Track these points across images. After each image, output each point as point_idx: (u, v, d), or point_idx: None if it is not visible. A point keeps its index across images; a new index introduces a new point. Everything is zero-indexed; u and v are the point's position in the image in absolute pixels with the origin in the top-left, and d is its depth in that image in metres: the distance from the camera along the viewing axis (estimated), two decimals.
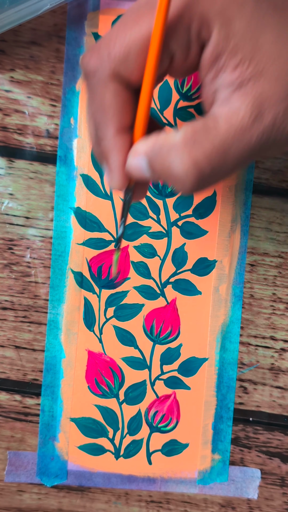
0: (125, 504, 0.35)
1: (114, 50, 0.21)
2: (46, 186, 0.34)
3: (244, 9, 0.21)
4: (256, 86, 0.21)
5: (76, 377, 0.34)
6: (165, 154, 0.21)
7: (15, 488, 0.35)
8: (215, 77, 0.22)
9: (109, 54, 0.21)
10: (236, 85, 0.21)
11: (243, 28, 0.21)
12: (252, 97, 0.21)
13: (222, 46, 0.21)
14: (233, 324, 0.34)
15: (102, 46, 0.22)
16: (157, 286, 0.34)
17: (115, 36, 0.21)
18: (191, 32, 0.21)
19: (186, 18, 0.21)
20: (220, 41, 0.21)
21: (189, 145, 0.21)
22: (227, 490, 0.35)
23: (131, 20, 0.21)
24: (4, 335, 0.34)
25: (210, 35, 0.21)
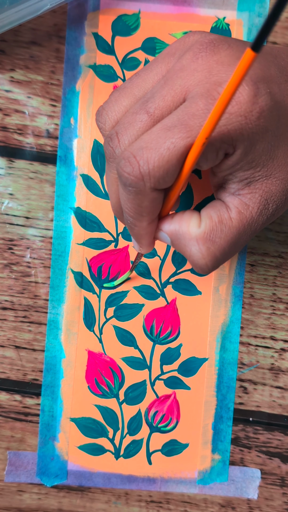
0: (125, 504, 0.35)
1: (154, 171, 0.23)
2: (46, 186, 0.34)
3: (265, 135, 0.24)
4: (265, 184, 0.25)
5: (76, 377, 0.34)
6: (186, 242, 0.25)
7: (15, 488, 0.35)
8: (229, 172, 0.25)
9: (149, 174, 0.23)
10: (247, 181, 0.25)
11: (262, 148, 0.24)
12: (261, 193, 0.25)
13: (242, 158, 0.24)
14: (233, 324, 0.34)
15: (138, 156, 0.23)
16: (157, 286, 0.34)
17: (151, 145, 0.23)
18: (219, 153, 0.24)
19: (217, 144, 0.23)
20: (242, 156, 0.24)
21: (208, 242, 0.25)
22: (227, 490, 0.35)
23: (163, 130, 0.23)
24: (4, 335, 0.34)
25: (234, 152, 0.24)
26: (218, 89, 0.23)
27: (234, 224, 0.25)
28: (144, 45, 0.33)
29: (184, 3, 0.33)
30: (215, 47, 0.24)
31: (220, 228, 0.25)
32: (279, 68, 0.25)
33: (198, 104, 0.23)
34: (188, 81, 0.24)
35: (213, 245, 0.25)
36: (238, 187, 0.25)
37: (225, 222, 0.25)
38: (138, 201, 0.24)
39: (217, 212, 0.25)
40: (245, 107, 0.23)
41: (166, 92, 0.24)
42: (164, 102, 0.24)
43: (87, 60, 0.33)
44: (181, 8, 0.33)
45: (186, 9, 0.33)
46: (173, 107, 0.24)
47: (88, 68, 0.33)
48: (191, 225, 0.25)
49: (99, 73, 0.33)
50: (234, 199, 0.25)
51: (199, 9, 0.33)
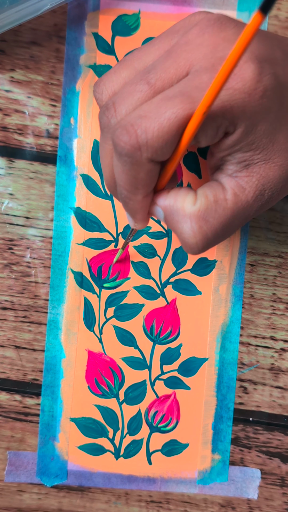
0: (125, 504, 0.35)
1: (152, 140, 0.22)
2: (46, 186, 0.34)
3: (268, 116, 0.24)
4: (263, 169, 0.25)
5: (76, 377, 0.34)
6: (179, 219, 0.25)
7: (15, 488, 0.35)
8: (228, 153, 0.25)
9: (147, 144, 0.22)
10: (245, 164, 0.25)
11: (264, 129, 0.24)
12: (258, 178, 0.25)
13: (243, 138, 0.24)
14: (233, 324, 0.34)
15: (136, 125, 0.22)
16: (157, 286, 0.34)
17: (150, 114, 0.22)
18: (219, 130, 0.23)
19: (219, 119, 0.23)
20: (242, 136, 0.24)
21: (201, 220, 0.24)
22: (227, 490, 0.35)
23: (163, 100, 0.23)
24: (4, 335, 0.34)
25: (235, 131, 0.24)
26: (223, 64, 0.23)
27: (229, 205, 0.25)
28: None
29: (184, 3, 0.33)
30: (222, 24, 0.24)
31: (214, 208, 0.24)
32: (283, 52, 0.25)
33: (202, 77, 0.23)
34: (193, 55, 0.24)
35: (206, 224, 0.24)
36: (236, 169, 0.25)
37: (220, 202, 0.24)
38: (134, 172, 0.23)
39: (213, 192, 0.25)
40: (249, 84, 0.23)
41: (169, 64, 0.24)
42: (166, 74, 0.24)
43: (87, 60, 0.33)
44: (181, 8, 0.33)
45: (186, 9, 0.34)
46: (175, 79, 0.24)
47: (88, 68, 0.33)
48: (187, 201, 0.25)
49: (99, 73, 0.33)
50: (231, 181, 0.25)
51: (199, 9, 0.33)
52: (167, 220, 0.26)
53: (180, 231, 0.25)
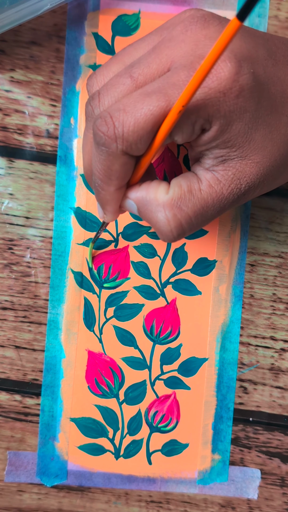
0: (125, 504, 0.35)
1: (127, 134, 0.23)
2: (46, 186, 0.34)
3: (243, 116, 0.24)
4: (239, 164, 0.25)
5: (76, 377, 0.34)
6: (152, 208, 0.25)
7: (15, 488, 0.35)
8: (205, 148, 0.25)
9: (122, 136, 0.23)
10: (222, 159, 0.25)
11: (239, 128, 0.24)
12: (234, 172, 0.25)
13: (218, 136, 0.24)
14: (233, 324, 0.34)
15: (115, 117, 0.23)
16: (157, 286, 0.34)
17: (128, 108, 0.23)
18: (195, 127, 0.24)
19: (193, 117, 0.23)
20: (217, 134, 0.24)
21: (174, 208, 0.25)
22: (227, 490, 0.35)
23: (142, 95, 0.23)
24: (4, 335, 0.34)
25: (210, 128, 0.24)
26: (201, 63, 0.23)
27: (203, 195, 0.25)
28: None
29: (184, 3, 0.33)
30: (205, 21, 0.25)
31: (188, 197, 0.25)
32: (268, 52, 0.25)
33: (179, 74, 0.23)
34: (174, 52, 0.24)
35: (180, 213, 0.25)
36: (213, 163, 0.25)
37: (194, 192, 0.25)
38: (109, 163, 0.24)
39: (188, 182, 0.25)
40: (225, 83, 0.23)
41: (152, 59, 0.25)
42: (148, 69, 0.25)
43: (87, 60, 0.33)
44: (181, 8, 0.33)
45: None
46: (157, 75, 0.25)
47: (88, 68, 0.33)
48: (159, 192, 0.25)
49: None
50: (207, 173, 0.25)
51: None
52: (140, 212, 0.26)
53: (155, 220, 0.25)
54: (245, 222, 0.34)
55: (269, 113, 0.25)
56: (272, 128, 0.25)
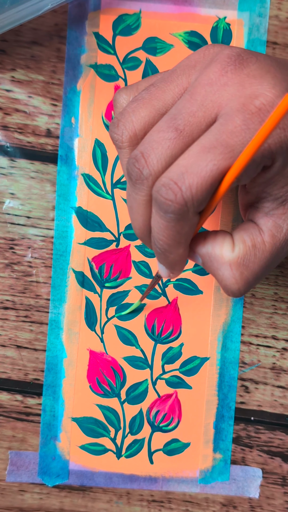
0: (127, 503, 0.35)
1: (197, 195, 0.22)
2: (47, 186, 0.34)
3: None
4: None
5: (78, 377, 0.34)
6: (219, 266, 0.25)
7: (17, 488, 0.35)
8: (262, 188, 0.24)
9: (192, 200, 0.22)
10: (282, 200, 0.24)
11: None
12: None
13: (279, 171, 0.24)
14: (235, 323, 0.34)
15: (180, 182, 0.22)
16: (158, 286, 0.34)
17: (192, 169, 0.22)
18: (258, 167, 0.23)
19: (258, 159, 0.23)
20: (280, 169, 0.24)
21: (241, 267, 0.24)
22: (228, 489, 0.35)
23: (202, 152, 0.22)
24: (5, 334, 0.34)
25: (272, 165, 0.23)
26: (255, 102, 0.22)
27: (267, 248, 0.25)
28: (145, 45, 0.34)
29: (185, 3, 0.33)
30: (243, 60, 0.24)
31: (253, 252, 0.24)
32: None
33: (235, 120, 0.22)
34: (220, 97, 0.23)
35: (247, 270, 0.24)
36: (273, 206, 0.25)
37: (258, 246, 0.25)
38: (179, 227, 0.23)
39: (250, 235, 0.25)
40: (284, 120, 0.23)
41: (197, 108, 0.23)
42: (194, 118, 0.23)
43: (88, 59, 0.33)
44: (182, 7, 0.34)
45: (187, 9, 0.34)
46: (204, 124, 0.23)
47: (89, 67, 0.33)
48: (225, 248, 0.25)
49: (100, 73, 0.33)
50: (267, 221, 0.25)
51: (200, 8, 0.33)
52: (205, 266, 0.26)
53: (221, 278, 0.25)
54: None
55: None
56: None
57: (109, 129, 0.26)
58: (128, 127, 0.25)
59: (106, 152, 0.34)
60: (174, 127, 0.23)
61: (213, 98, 0.23)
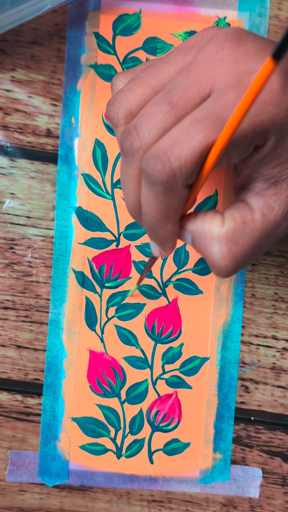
0: (127, 503, 0.35)
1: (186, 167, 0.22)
2: (47, 186, 0.34)
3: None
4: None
5: (78, 377, 0.34)
6: (207, 241, 0.24)
7: (17, 488, 0.35)
8: (254, 169, 0.24)
9: (181, 171, 0.22)
10: (273, 180, 0.24)
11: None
12: (287, 195, 0.24)
13: (272, 150, 0.23)
14: (235, 323, 0.34)
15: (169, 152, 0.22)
16: (158, 286, 0.34)
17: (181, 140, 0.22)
18: (250, 145, 0.23)
19: (250, 134, 0.22)
20: (272, 149, 0.23)
21: (230, 242, 0.24)
22: (228, 489, 0.35)
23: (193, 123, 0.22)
24: (5, 334, 0.34)
25: (265, 144, 0.23)
26: (250, 77, 0.22)
27: (257, 226, 0.24)
28: (145, 45, 0.34)
29: (185, 3, 0.33)
30: (240, 37, 0.24)
31: (243, 229, 0.24)
32: None
33: (228, 94, 0.22)
34: (215, 72, 0.23)
35: (235, 246, 0.24)
36: (264, 186, 0.24)
37: (248, 223, 0.24)
38: (168, 200, 0.23)
39: (241, 213, 0.24)
40: (276, 96, 0.22)
41: (192, 82, 0.23)
42: (188, 92, 0.23)
43: (88, 59, 0.33)
44: (182, 7, 0.34)
45: (187, 9, 0.34)
46: (198, 98, 0.23)
47: (89, 67, 0.33)
48: (214, 224, 0.24)
49: (100, 73, 0.33)
50: (258, 200, 0.24)
51: (200, 8, 0.33)
52: (194, 244, 0.25)
53: (209, 254, 0.24)
54: None
55: None
56: None
57: (106, 108, 0.26)
58: (123, 104, 0.25)
59: (106, 152, 0.34)
60: (168, 100, 0.23)
61: (208, 73, 0.23)
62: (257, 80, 0.19)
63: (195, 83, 0.23)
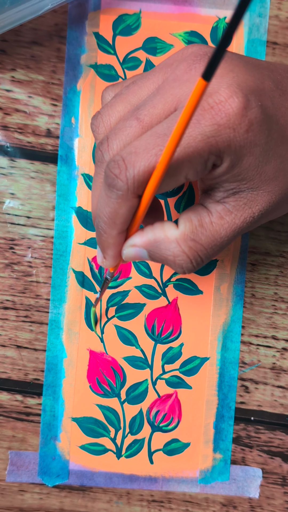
0: (127, 503, 0.35)
1: (137, 176, 0.23)
2: (47, 186, 0.34)
3: (254, 150, 0.24)
4: (250, 195, 0.25)
5: (78, 377, 0.34)
6: (165, 246, 0.25)
7: (17, 488, 0.35)
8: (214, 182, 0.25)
9: (133, 178, 0.23)
10: (233, 191, 0.25)
11: (249, 163, 0.24)
12: (245, 202, 0.25)
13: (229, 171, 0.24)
14: (234, 323, 0.34)
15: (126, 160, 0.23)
16: (158, 286, 0.34)
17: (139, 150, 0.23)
18: (207, 164, 0.24)
19: (205, 155, 0.23)
20: (228, 169, 0.24)
21: (189, 241, 0.25)
22: (228, 489, 0.35)
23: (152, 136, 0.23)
24: (5, 334, 0.34)
25: (221, 164, 0.24)
26: (209, 100, 0.23)
27: (215, 228, 0.25)
28: (145, 45, 0.34)
29: (185, 3, 0.33)
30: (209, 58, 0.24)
31: (200, 231, 0.25)
32: (274, 82, 0.25)
33: None
34: (180, 91, 0.24)
35: (194, 245, 0.25)
36: (224, 195, 0.25)
37: (205, 226, 0.25)
38: (117, 205, 0.24)
39: (198, 216, 0.25)
40: (233, 119, 0.23)
41: (158, 100, 0.25)
42: (154, 110, 0.25)
43: (88, 59, 0.33)
44: (182, 8, 0.34)
45: (187, 9, 0.34)
46: (163, 115, 0.25)
47: (89, 67, 0.33)
48: (167, 230, 0.25)
49: (100, 73, 0.33)
50: (217, 205, 0.25)
51: (200, 9, 0.33)
52: (152, 255, 0.26)
53: (172, 256, 0.25)
54: None
55: (279, 144, 0.25)
56: (283, 159, 0.25)
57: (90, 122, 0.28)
58: (104, 120, 0.27)
59: None
60: (136, 116, 0.25)
61: (174, 92, 0.24)
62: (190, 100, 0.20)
63: (161, 101, 0.25)
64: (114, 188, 0.24)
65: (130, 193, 0.23)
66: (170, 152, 0.22)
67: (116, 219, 0.24)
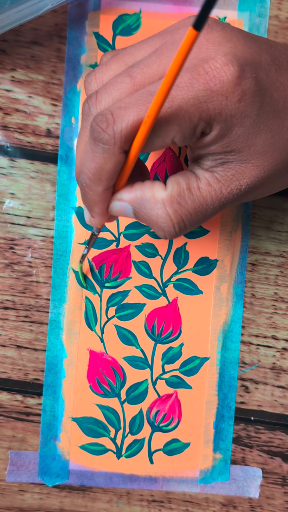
0: (127, 503, 0.35)
1: (125, 130, 0.23)
2: (47, 186, 0.34)
3: (244, 121, 0.24)
4: (239, 167, 0.25)
5: (78, 377, 0.34)
6: (151, 207, 0.25)
7: (17, 488, 0.35)
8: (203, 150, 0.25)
9: (121, 133, 0.23)
10: (222, 161, 0.25)
11: (239, 133, 0.24)
12: (233, 173, 0.25)
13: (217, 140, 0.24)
14: (234, 323, 0.34)
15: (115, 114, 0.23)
16: (158, 286, 0.34)
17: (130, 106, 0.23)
18: (196, 130, 0.24)
19: (195, 119, 0.23)
20: (217, 138, 0.24)
21: (175, 204, 0.24)
22: (228, 489, 0.35)
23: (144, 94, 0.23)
24: (5, 334, 0.34)
25: (210, 132, 0.24)
26: (204, 66, 0.23)
27: (202, 193, 0.25)
28: None
29: (185, 3, 0.33)
30: (209, 26, 0.25)
31: (187, 194, 0.25)
32: (272, 57, 0.25)
33: (182, 77, 0.23)
34: None
35: (180, 208, 0.25)
36: (212, 164, 0.25)
37: (193, 190, 0.25)
38: (103, 161, 0.24)
39: (186, 179, 0.25)
40: (227, 87, 0.23)
41: (153, 60, 0.25)
42: (148, 69, 0.25)
43: (88, 59, 0.33)
44: (181, 7, 0.34)
45: (187, 9, 0.34)
46: (156, 75, 0.25)
47: (89, 67, 0.33)
48: (155, 190, 0.25)
49: None
50: (205, 172, 0.25)
51: (199, 8, 0.33)
52: (137, 213, 0.25)
53: (156, 217, 0.25)
54: (246, 221, 0.34)
55: (271, 118, 0.25)
56: (274, 134, 0.25)
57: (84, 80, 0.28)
58: (97, 77, 0.27)
59: None
60: (129, 73, 0.25)
61: (170, 55, 0.25)
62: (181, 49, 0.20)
63: (156, 61, 0.25)
64: (100, 142, 0.23)
65: (117, 148, 0.23)
66: (159, 104, 0.21)
67: (102, 175, 0.24)
